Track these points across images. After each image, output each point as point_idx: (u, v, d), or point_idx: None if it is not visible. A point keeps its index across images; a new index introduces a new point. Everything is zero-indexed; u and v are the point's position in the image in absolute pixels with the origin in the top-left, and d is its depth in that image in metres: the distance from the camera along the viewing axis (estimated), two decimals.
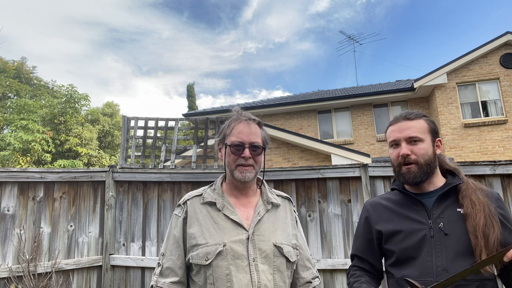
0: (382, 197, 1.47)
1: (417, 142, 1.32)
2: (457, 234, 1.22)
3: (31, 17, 44.08)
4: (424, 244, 1.25)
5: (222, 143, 1.38)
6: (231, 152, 1.32)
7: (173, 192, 3.80)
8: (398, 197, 1.40)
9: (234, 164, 1.32)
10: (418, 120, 1.36)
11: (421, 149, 1.31)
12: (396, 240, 1.31)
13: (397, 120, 1.39)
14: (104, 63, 57.34)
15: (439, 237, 1.24)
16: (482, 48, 10.99)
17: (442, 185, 1.34)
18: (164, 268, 1.29)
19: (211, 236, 1.25)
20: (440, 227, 1.25)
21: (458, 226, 1.23)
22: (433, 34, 77.35)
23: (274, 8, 66.26)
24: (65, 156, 14.90)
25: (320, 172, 3.56)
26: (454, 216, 1.26)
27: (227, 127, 1.37)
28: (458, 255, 1.20)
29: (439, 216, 1.27)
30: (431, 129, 1.36)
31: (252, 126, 1.36)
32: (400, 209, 1.36)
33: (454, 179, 1.34)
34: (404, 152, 1.31)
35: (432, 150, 1.33)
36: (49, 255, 3.51)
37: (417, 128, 1.34)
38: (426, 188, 1.34)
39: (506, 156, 10.28)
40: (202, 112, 13.71)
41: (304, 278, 1.39)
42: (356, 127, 12.33)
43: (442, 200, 1.30)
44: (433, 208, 1.29)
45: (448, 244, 1.22)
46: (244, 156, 1.30)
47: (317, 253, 3.45)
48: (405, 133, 1.33)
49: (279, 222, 1.37)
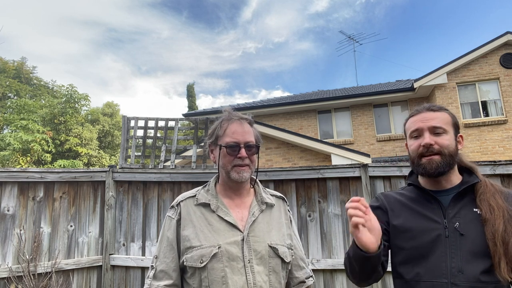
0: (396, 192, 1.41)
1: (441, 134, 1.26)
2: (473, 235, 1.18)
3: (31, 17, 44.11)
4: (438, 243, 1.20)
5: (214, 145, 1.35)
6: (227, 153, 1.29)
7: (173, 192, 3.80)
8: (413, 193, 1.34)
9: (230, 165, 1.30)
10: (442, 112, 1.30)
11: (446, 140, 1.25)
12: (408, 237, 1.25)
13: (420, 111, 1.33)
14: (103, 63, 57.37)
15: (455, 237, 1.19)
16: (482, 48, 11.00)
17: (459, 183, 1.29)
18: (158, 271, 1.26)
19: (206, 238, 1.24)
20: (455, 227, 1.20)
21: (474, 226, 1.19)
22: (433, 34, 77.40)
23: (274, 8, 66.30)
24: (65, 156, 14.90)
25: (320, 172, 3.56)
26: (470, 216, 1.21)
27: (219, 128, 1.34)
28: (473, 257, 1.16)
29: (455, 216, 1.22)
30: (454, 123, 1.31)
31: (245, 125, 1.34)
32: (414, 206, 1.30)
33: (471, 177, 1.29)
34: (428, 141, 1.24)
35: (455, 144, 1.28)
36: (49, 255, 3.51)
37: (442, 119, 1.28)
38: (443, 184, 1.29)
39: (506, 156, 10.28)
40: (202, 112, 13.70)
41: (298, 277, 1.39)
42: (356, 127, 12.33)
43: (459, 199, 1.25)
44: (449, 207, 1.24)
45: (464, 245, 1.18)
46: (240, 156, 1.29)
47: (317, 253, 3.46)
48: (429, 123, 1.27)
49: (274, 222, 1.36)
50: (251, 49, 64.48)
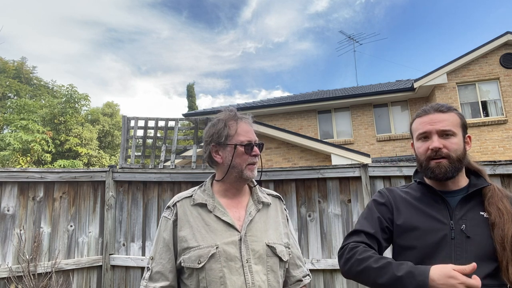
0: (400, 189, 1.38)
1: (450, 136, 1.23)
2: (479, 238, 1.17)
3: (31, 17, 44.10)
4: (443, 245, 1.18)
5: (222, 145, 1.33)
6: (244, 152, 1.30)
7: (173, 192, 3.80)
8: (418, 192, 1.32)
9: (245, 164, 1.30)
10: (451, 113, 1.27)
11: (454, 144, 1.22)
12: (413, 237, 1.23)
13: (428, 111, 1.29)
14: (103, 63, 57.36)
15: (461, 240, 1.18)
16: (482, 48, 11.00)
17: (466, 185, 1.27)
18: (154, 272, 1.25)
19: (203, 238, 1.23)
20: (462, 229, 1.19)
21: (480, 230, 1.18)
22: (433, 34, 77.35)
23: (273, 7, 66.28)
24: (65, 156, 14.91)
25: (320, 172, 3.56)
26: (477, 219, 1.20)
27: (228, 128, 1.33)
28: (478, 260, 1.13)
29: (462, 218, 1.20)
30: (462, 124, 1.28)
31: (251, 124, 1.37)
32: (420, 205, 1.27)
33: (479, 180, 1.27)
34: (436, 145, 1.21)
35: (463, 146, 1.26)
36: (49, 255, 3.51)
37: (451, 121, 1.24)
38: (450, 186, 1.26)
39: (506, 156, 10.28)
40: (202, 112, 13.70)
41: (295, 276, 1.39)
42: (356, 127, 12.33)
43: (466, 201, 1.23)
44: (456, 208, 1.22)
45: (469, 248, 1.16)
46: (255, 154, 1.31)
47: (317, 253, 3.46)
48: (437, 126, 1.23)
49: (271, 222, 1.36)
50: (251, 49, 64.48)
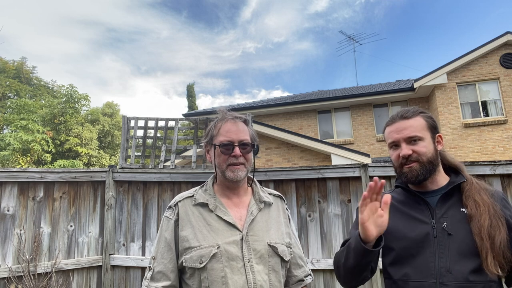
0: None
1: (417, 141, 1.28)
2: (461, 235, 1.19)
3: (31, 17, 44.11)
4: (426, 243, 1.22)
5: (210, 145, 1.35)
6: (221, 152, 1.30)
7: (173, 192, 3.80)
8: (401, 196, 1.37)
9: (225, 164, 1.30)
10: (416, 118, 1.31)
11: (422, 147, 1.27)
12: (397, 238, 1.27)
13: (394, 120, 1.34)
14: (102, 63, 57.39)
15: (443, 237, 1.21)
16: (482, 48, 11.00)
17: (446, 183, 1.31)
18: (156, 272, 1.25)
19: (205, 238, 1.23)
20: (443, 227, 1.22)
21: (461, 226, 1.20)
22: (433, 34, 77.38)
23: (273, 7, 66.33)
24: (65, 156, 14.91)
25: (320, 172, 3.56)
26: (458, 216, 1.23)
27: (213, 128, 1.35)
28: (462, 256, 1.17)
29: (443, 216, 1.24)
30: (430, 126, 1.32)
31: (239, 124, 1.34)
32: (403, 208, 1.32)
33: (458, 177, 1.30)
34: (405, 153, 1.27)
35: (433, 147, 1.30)
36: (49, 255, 3.51)
37: (415, 126, 1.29)
38: (429, 187, 1.31)
39: (506, 156, 10.28)
40: (202, 112, 13.71)
41: (297, 276, 1.39)
42: (356, 127, 12.34)
43: (446, 199, 1.27)
44: (436, 207, 1.26)
45: (452, 245, 1.19)
46: (235, 155, 1.29)
47: (317, 253, 3.45)
48: (403, 134, 1.29)
49: (272, 221, 1.36)
50: (250, 49, 64.50)
